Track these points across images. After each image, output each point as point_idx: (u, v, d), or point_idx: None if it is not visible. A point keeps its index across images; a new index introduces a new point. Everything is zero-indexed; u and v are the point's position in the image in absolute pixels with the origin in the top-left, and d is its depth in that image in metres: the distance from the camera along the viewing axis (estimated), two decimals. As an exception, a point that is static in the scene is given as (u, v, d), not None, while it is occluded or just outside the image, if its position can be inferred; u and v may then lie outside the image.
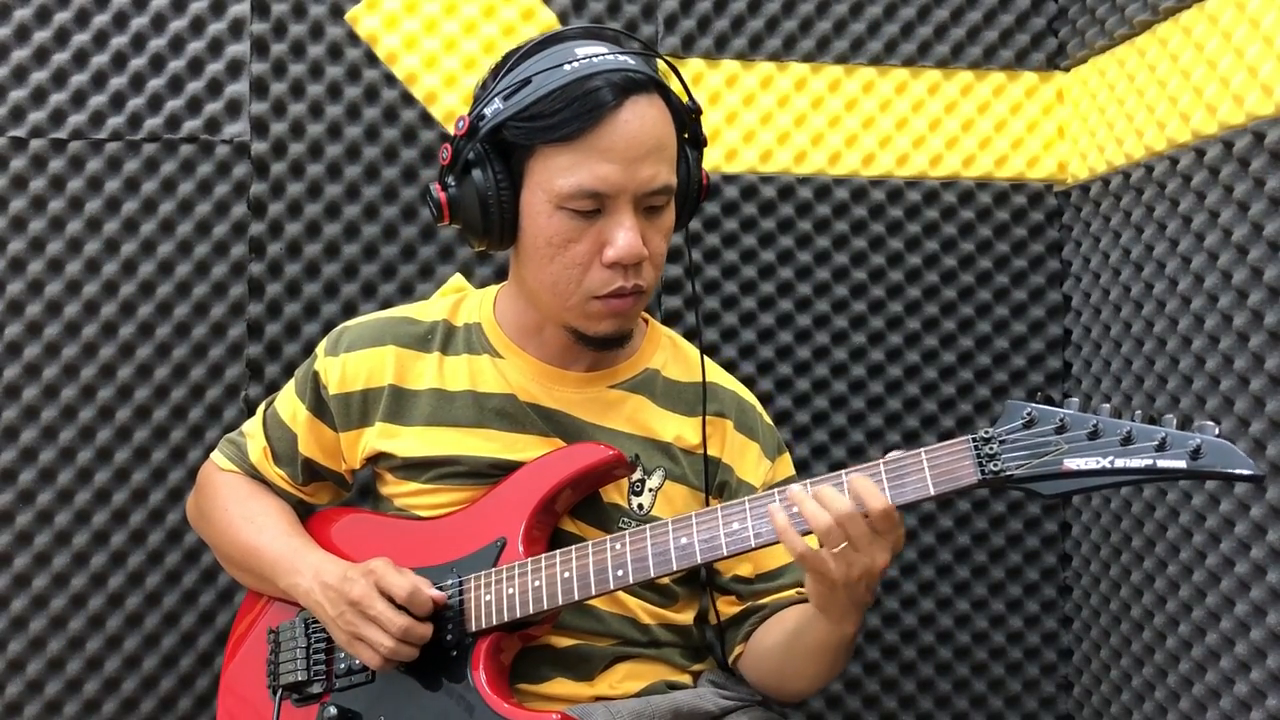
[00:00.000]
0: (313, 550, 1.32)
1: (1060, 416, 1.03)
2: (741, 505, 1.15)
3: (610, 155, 1.17)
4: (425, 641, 1.21)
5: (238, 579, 1.43)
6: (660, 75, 1.24)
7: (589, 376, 1.34)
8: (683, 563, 1.17)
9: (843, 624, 1.16)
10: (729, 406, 1.39)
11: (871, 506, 1.06)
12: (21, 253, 1.68)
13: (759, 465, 1.38)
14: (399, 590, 1.20)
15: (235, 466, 1.41)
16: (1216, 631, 1.48)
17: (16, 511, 1.67)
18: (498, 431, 1.31)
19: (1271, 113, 1.39)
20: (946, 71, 1.85)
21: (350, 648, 1.23)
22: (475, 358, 1.34)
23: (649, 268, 1.23)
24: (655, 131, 1.19)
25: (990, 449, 1.05)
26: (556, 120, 1.17)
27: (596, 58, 1.18)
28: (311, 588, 1.26)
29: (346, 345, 1.36)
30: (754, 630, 1.34)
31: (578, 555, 1.21)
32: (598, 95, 1.16)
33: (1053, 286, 1.87)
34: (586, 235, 1.20)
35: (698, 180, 1.29)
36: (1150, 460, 0.99)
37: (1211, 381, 1.50)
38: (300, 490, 1.41)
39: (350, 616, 1.21)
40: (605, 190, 1.18)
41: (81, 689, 1.68)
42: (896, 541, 1.09)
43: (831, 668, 1.26)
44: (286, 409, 1.39)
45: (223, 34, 1.73)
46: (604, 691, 1.28)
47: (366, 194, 1.74)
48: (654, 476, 1.33)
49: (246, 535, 1.36)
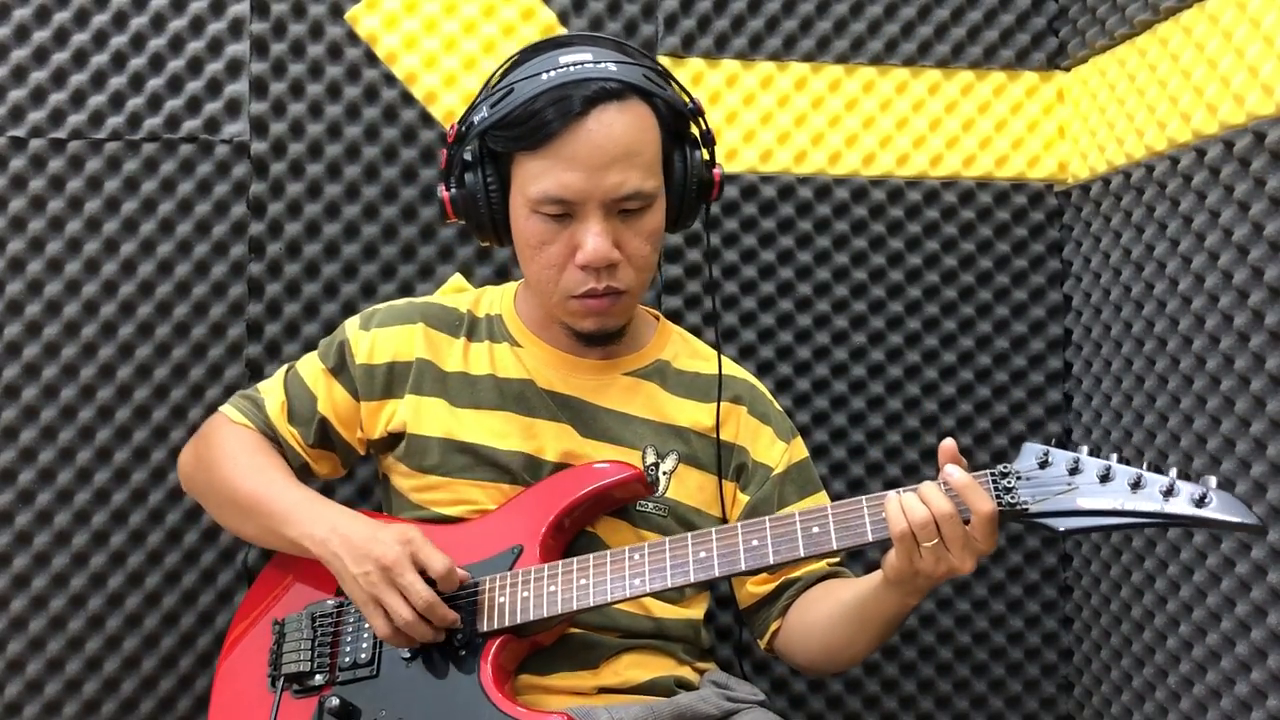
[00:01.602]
0: (327, 505, 1.32)
1: (1074, 459, 1.10)
2: (762, 523, 1.20)
3: (574, 163, 1.21)
4: (445, 625, 1.22)
5: (233, 528, 1.42)
6: (653, 79, 1.26)
7: (603, 364, 1.39)
8: (700, 575, 1.20)
9: (909, 598, 1.20)
10: (743, 392, 1.43)
11: (978, 509, 1.10)
12: (21, 253, 1.68)
13: (773, 446, 1.41)
14: (436, 565, 1.21)
15: (249, 421, 1.42)
16: (1217, 632, 1.48)
17: (16, 511, 1.67)
18: (515, 415, 1.36)
19: (1272, 112, 1.39)
20: (947, 71, 1.85)
21: (365, 608, 1.23)
22: (496, 345, 1.40)
23: (627, 269, 1.27)
24: (624, 139, 1.22)
25: (1007, 483, 1.11)
26: (527, 129, 1.22)
27: (575, 66, 1.22)
28: (329, 538, 1.26)
29: (379, 322, 1.41)
30: (791, 604, 1.37)
31: (595, 563, 1.23)
32: (564, 105, 1.20)
33: (1053, 286, 1.86)
34: (559, 238, 1.25)
35: (698, 179, 1.31)
36: (1158, 505, 1.06)
37: (1212, 381, 1.50)
38: (307, 452, 1.42)
39: (376, 578, 1.21)
40: (570, 197, 1.22)
41: (81, 689, 1.67)
42: (988, 550, 1.13)
43: (884, 636, 1.29)
44: (309, 371, 1.42)
45: (222, 34, 1.72)
46: (608, 681, 1.30)
47: (366, 194, 1.74)
48: (668, 460, 1.37)
49: (255, 482, 1.35)
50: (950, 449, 1.15)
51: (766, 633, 1.39)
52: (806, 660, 1.37)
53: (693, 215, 1.33)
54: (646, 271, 1.30)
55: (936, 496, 1.11)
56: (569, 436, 1.35)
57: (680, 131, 1.30)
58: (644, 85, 1.24)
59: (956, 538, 1.10)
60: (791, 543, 1.17)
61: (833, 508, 1.17)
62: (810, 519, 1.17)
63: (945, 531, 1.10)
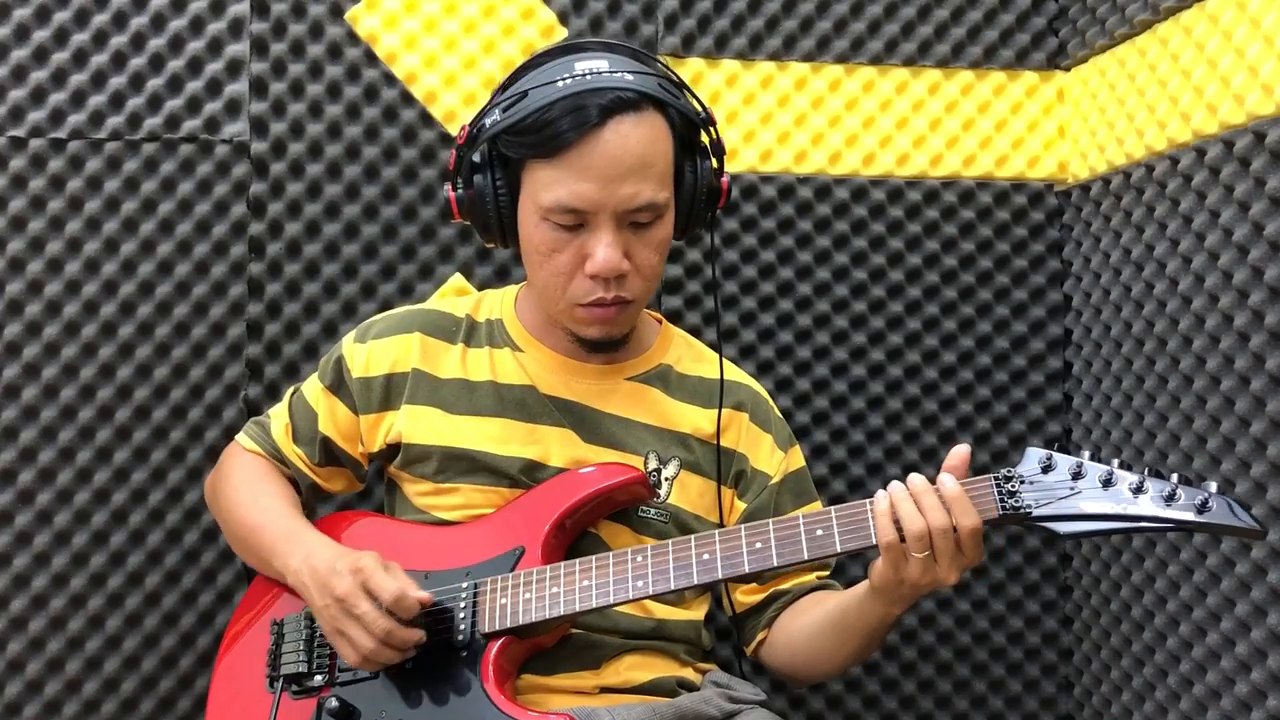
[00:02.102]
0: (308, 533, 1.32)
1: (1076, 463, 1.10)
2: (765, 526, 1.19)
3: (589, 174, 1.20)
4: (410, 645, 1.21)
5: (243, 559, 1.45)
6: (668, 89, 1.25)
7: (605, 369, 1.38)
8: (704, 577, 1.20)
9: (893, 607, 1.20)
10: (745, 399, 1.43)
11: (962, 522, 1.10)
12: (21, 253, 1.68)
13: (772, 455, 1.42)
14: (385, 594, 1.19)
15: (258, 446, 1.44)
16: (1217, 632, 1.48)
17: (16, 511, 1.67)
18: (517, 422, 1.35)
19: (1272, 112, 1.39)
20: (947, 71, 1.85)
21: (332, 639, 1.23)
22: (497, 350, 1.39)
23: (635, 279, 1.26)
24: (639, 150, 1.20)
25: (1011, 487, 1.12)
26: (541, 137, 1.20)
27: (590, 75, 1.20)
28: (300, 570, 1.26)
29: (375, 334, 1.41)
30: (778, 615, 1.37)
31: (598, 565, 1.23)
32: (580, 114, 1.19)
33: (1053, 286, 1.86)
34: (569, 247, 1.24)
35: (706, 189, 1.30)
36: (1159, 509, 1.06)
37: (1212, 381, 1.50)
38: (315, 472, 1.42)
39: (334, 610, 1.21)
40: (583, 207, 1.21)
41: (81, 689, 1.67)
42: (974, 562, 1.13)
43: (867, 648, 1.29)
44: (310, 390, 1.43)
45: (222, 34, 1.72)
46: (610, 681, 1.30)
47: (366, 194, 1.74)
48: (670, 466, 1.37)
49: (250, 514, 1.37)
50: (963, 458, 1.14)
51: (753, 642, 1.40)
52: (790, 670, 1.38)
53: (700, 224, 1.33)
54: (653, 281, 1.29)
55: (934, 509, 1.11)
56: (571, 442, 1.35)
57: (691, 141, 1.29)
58: (659, 95, 1.22)
59: (947, 551, 1.11)
60: (795, 545, 1.17)
61: (836, 510, 1.17)
62: (814, 522, 1.17)
63: (937, 545, 1.11)
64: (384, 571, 1.21)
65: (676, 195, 1.28)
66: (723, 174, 1.32)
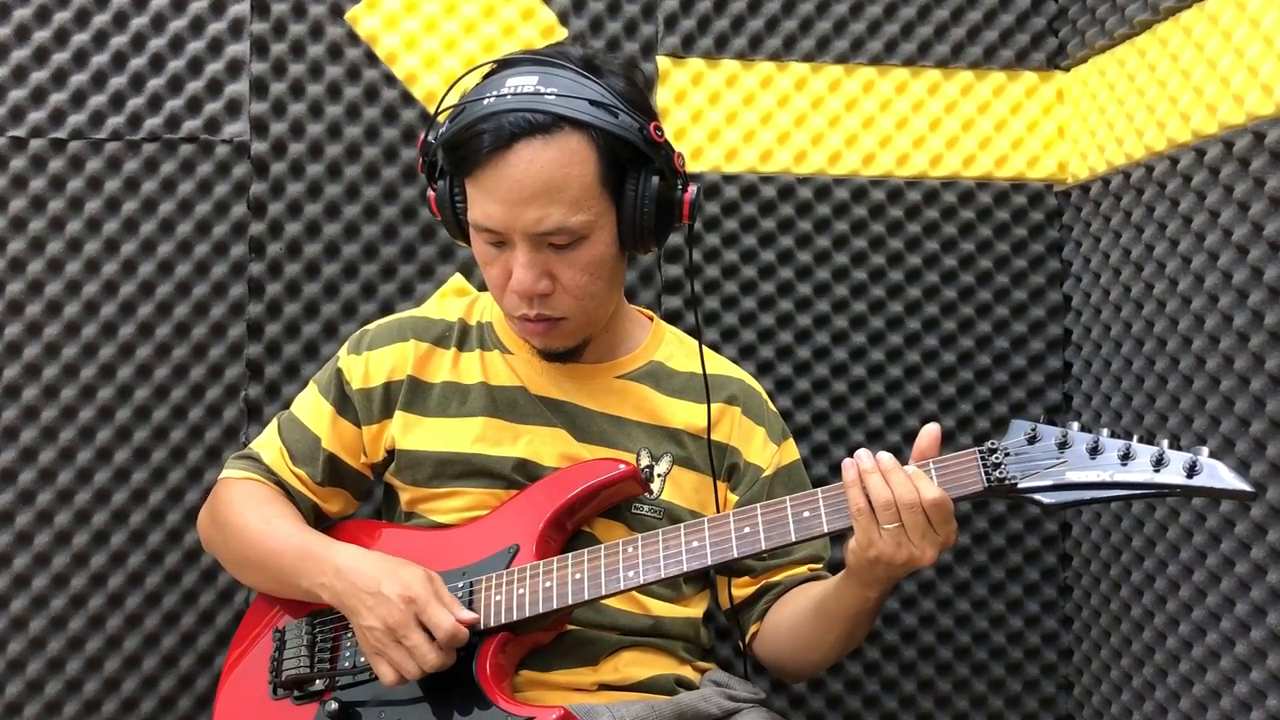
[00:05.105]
0: (330, 546, 1.29)
1: (1062, 433, 1.08)
2: (753, 510, 1.20)
3: (496, 195, 1.20)
4: (445, 667, 1.21)
5: (253, 584, 1.42)
6: (605, 107, 1.19)
7: (595, 368, 1.38)
8: (694, 563, 1.20)
9: (869, 590, 1.19)
10: (738, 393, 1.43)
11: (925, 495, 1.10)
12: (21, 253, 1.68)
13: (765, 448, 1.42)
14: (440, 632, 1.18)
15: (252, 473, 1.41)
16: (1217, 631, 1.48)
17: (16, 511, 1.67)
18: (508, 422, 1.36)
19: (1271, 113, 1.39)
20: (946, 71, 1.85)
21: (370, 658, 1.22)
22: (487, 353, 1.40)
23: (564, 298, 1.25)
24: (544, 175, 1.18)
25: (995, 459, 1.11)
26: (461, 155, 1.21)
27: (512, 95, 1.18)
28: (335, 585, 1.24)
29: (369, 344, 1.41)
30: (769, 608, 1.38)
31: (589, 557, 1.24)
32: (493, 135, 1.18)
33: (1053, 286, 1.86)
34: (498, 261, 1.25)
35: (653, 204, 1.23)
36: (1147, 475, 1.04)
37: (1212, 381, 1.50)
38: (316, 492, 1.41)
39: (382, 636, 1.20)
40: (494, 227, 1.22)
41: (81, 689, 1.68)
42: (946, 540, 1.13)
43: (850, 637, 1.29)
44: (307, 412, 1.41)
45: (222, 34, 1.72)
46: (608, 677, 1.30)
47: (366, 194, 1.74)
48: (662, 462, 1.37)
49: (261, 532, 1.33)
50: (932, 438, 1.15)
51: (747, 635, 1.40)
52: (779, 663, 1.38)
53: (654, 239, 1.26)
54: (589, 299, 1.26)
55: (902, 484, 1.11)
56: (563, 441, 1.35)
57: (633, 157, 1.22)
58: (580, 117, 1.18)
59: (917, 526, 1.11)
60: (783, 528, 1.17)
61: (822, 491, 1.18)
62: (801, 504, 1.18)
63: (906, 519, 1.11)
64: (437, 603, 1.20)
65: (619, 212, 1.24)
66: (683, 186, 1.26)
